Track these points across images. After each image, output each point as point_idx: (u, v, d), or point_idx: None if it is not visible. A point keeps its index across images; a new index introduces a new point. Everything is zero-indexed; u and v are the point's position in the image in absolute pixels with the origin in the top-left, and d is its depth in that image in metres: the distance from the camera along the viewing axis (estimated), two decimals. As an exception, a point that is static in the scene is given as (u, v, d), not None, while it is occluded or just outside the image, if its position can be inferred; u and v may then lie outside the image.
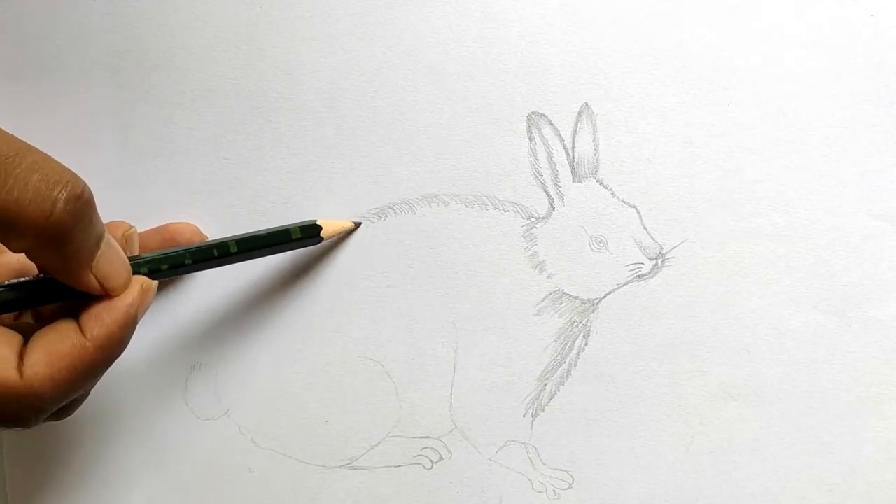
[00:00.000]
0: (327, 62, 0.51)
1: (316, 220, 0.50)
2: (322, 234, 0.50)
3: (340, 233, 0.51)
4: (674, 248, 0.49)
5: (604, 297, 0.50)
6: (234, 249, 0.48)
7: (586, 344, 0.50)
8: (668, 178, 0.49)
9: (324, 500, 0.52)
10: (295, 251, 0.51)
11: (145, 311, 0.44)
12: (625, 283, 0.50)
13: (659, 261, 0.49)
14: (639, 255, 0.49)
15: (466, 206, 0.50)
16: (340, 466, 0.52)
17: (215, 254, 0.48)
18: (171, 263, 0.46)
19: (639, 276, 0.49)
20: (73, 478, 0.53)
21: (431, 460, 0.51)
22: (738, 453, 0.49)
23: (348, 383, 0.52)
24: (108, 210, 0.52)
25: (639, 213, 0.49)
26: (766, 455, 0.49)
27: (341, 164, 0.51)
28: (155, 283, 0.45)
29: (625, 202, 0.49)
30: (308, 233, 0.50)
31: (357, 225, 0.51)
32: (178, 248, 0.47)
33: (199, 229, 0.51)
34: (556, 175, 0.50)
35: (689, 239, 0.49)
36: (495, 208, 0.50)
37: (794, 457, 0.49)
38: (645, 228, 0.49)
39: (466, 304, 0.51)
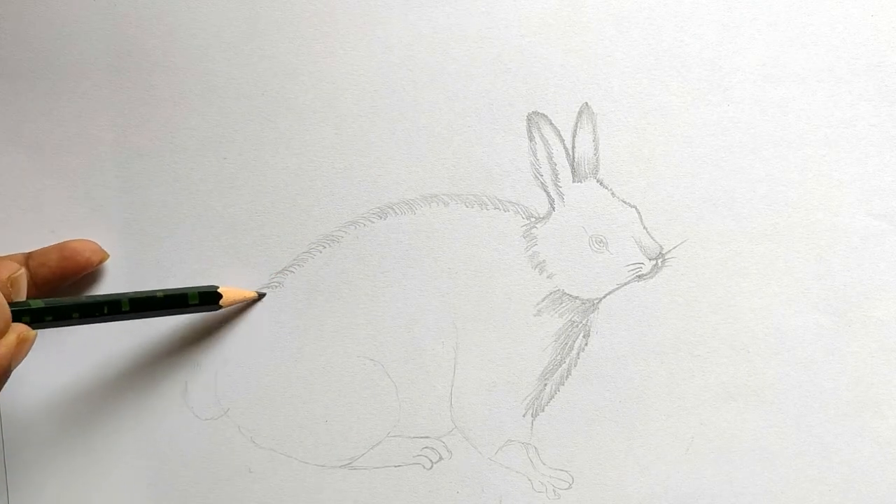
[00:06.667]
0: (327, 62, 0.51)
1: (217, 288, 0.50)
2: (221, 302, 0.50)
3: (241, 301, 0.51)
4: (674, 248, 0.49)
5: (604, 297, 0.50)
6: (125, 308, 0.47)
7: (586, 344, 0.50)
8: (668, 178, 0.49)
9: (324, 500, 0.52)
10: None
11: (21, 360, 0.43)
12: (625, 283, 0.50)
13: (659, 261, 0.49)
14: (639, 255, 0.49)
15: (466, 206, 0.50)
16: (340, 466, 0.52)
17: (105, 310, 0.46)
18: (57, 315, 0.44)
19: (639, 276, 0.50)
20: (74, 477, 0.53)
21: (431, 460, 0.51)
22: (738, 453, 0.49)
23: (348, 383, 0.52)
24: (107, 210, 0.52)
25: (639, 213, 0.49)
26: (766, 455, 0.49)
27: (341, 164, 0.51)
28: (34, 333, 0.43)
29: (625, 202, 0.49)
30: (206, 299, 0.49)
31: (260, 296, 0.51)
32: (67, 300, 0.45)
33: (99, 247, 0.51)
34: (556, 175, 0.50)
35: (689, 239, 0.49)
36: (495, 208, 0.50)
37: (794, 457, 0.49)
38: (645, 228, 0.49)
39: (466, 304, 0.51)
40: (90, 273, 0.51)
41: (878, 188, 0.48)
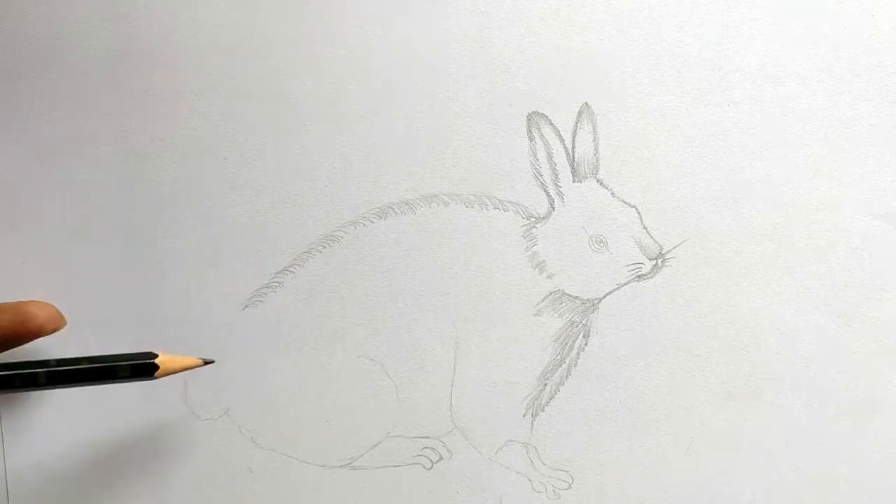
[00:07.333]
0: (328, 62, 0.51)
1: (154, 359, 0.46)
2: (157, 373, 0.46)
3: (180, 370, 0.47)
4: (674, 248, 0.49)
5: (604, 297, 0.50)
6: (42, 381, 0.44)
7: (586, 344, 0.50)
8: (668, 178, 0.49)
9: (324, 500, 0.52)
10: None
11: None
12: (625, 283, 0.50)
13: (659, 261, 0.49)
14: (639, 255, 0.49)
15: (466, 206, 0.50)
16: (340, 466, 0.52)
17: (18, 383, 0.44)
18: None
19: (639, 276, 0.49)
20: (74, 478, 0.53)
21: (431, 460, 0.51)
22: (738, 453, 0.49)
23: (348, 383, 0.51)
24: (107, 210, 0.52)
25: (639, 212, 0.49)
26: (766, 455, 0.49)
27: (341, 164, 0.51)
28: None
29: (625, 202, 0.50)
30: (139, 371, 0.45)
31: (207, 363, 0.48)
32: None
33: (57, 313, 0.48)
34: (556, 175, 0.50)
35: (689, 239, 0.49)
36: (495, 208, 0.50)
37: (794, 457, 0.49)
38: (645, 228, 0.49)
39: (466, 303, 0.51)
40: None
41: (878, 188, 0.48)
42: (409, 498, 0.51)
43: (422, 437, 0.51)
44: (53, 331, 0.48)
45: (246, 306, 0.52)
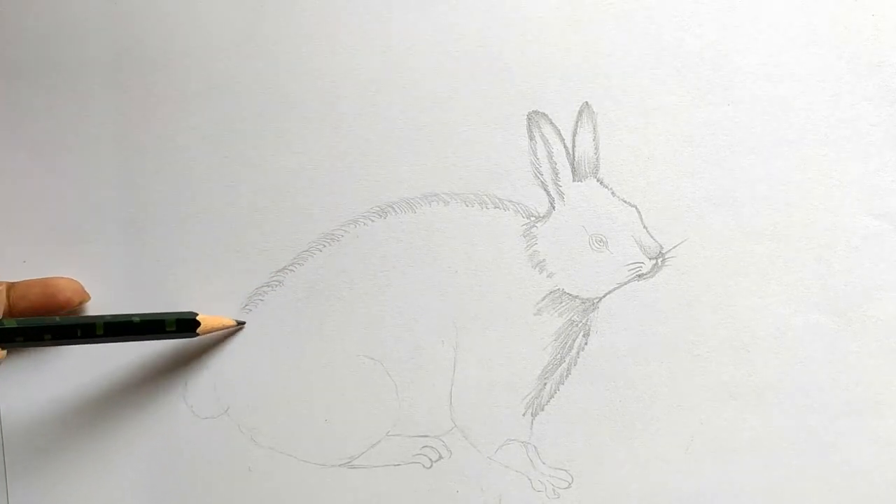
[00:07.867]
0: (327, 62, 0.51)
1: (196, 315, 0.49)
2: (199, 329, 0.49)
3: (219, 329, 0.51)
4: (674, 247, 0.49)
5: (604, 296, 0.50)
6: (100, 332, 0.47)
7: (586, 343, 0.50)
8: (668, 178, 0.49)
9: (323, 499, 0.52)
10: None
11: None
12: (625, 283, 0.50)
13: (659, 260, 0.49)
14: (639, 255, 0.49)
15: (466, 205, 0.50)
16: (340, 465, 0.52)
17: (79, 333, 0.46)
18: (28, 336, 0.45)
19: (639, 276, 0.49)
20: (74, 477, 0.53)
21: (431, 459, 0.51)
22: (738, 453, 0.49)
23: (348, 382, 0.51)
24: (107, 210, 0.52)
25: (639, 212, 0.49)
26: (766, 455, 0.49)
27: (341, 164, 0.51)
28: (3, 353, 0.45)
29: (625, 201, 0.50)
30: (184, 327, 0.49)
31: (240, 324, 0.51)
32: (40, 320, 0.46)
33: (81, 288, 0.51)
34: (557, 174, 0.50)
35: (689, 238, 0.49)
36: (495, 207, 0.50)
37: (794, 457, 0.49)
38: (645, 228, 0.49)
39: (466, 303, 0.51)
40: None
41: (878, 188, 0.48)
42: (408, 497, 0.51)
43: (421, 436, 0.51)
44: (79, 304, 0.51)
45: (246, 306, 0.52)
